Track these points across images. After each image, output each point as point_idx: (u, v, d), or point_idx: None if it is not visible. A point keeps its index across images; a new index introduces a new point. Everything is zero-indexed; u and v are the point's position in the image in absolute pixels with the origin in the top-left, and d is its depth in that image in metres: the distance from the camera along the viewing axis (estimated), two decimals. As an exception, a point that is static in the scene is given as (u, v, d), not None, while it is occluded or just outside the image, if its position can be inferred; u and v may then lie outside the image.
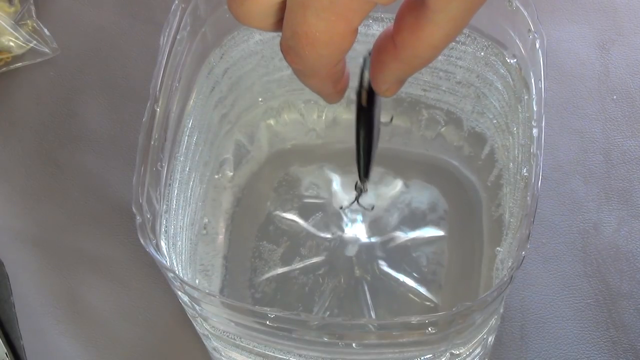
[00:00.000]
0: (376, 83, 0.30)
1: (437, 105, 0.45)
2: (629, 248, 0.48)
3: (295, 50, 0.27)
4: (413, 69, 0.28)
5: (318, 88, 0.30)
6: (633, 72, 0.54)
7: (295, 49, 0.27)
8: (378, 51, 0.29)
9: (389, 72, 0.29)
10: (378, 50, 0.29)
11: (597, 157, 0.51)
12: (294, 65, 0.28)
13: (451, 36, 0.27)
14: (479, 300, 0.31)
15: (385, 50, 0.28)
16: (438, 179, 0.46)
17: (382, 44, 0.28)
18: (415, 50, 0.27)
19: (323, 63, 0.27)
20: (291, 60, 0.27)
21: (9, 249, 0.49)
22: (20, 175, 0.52)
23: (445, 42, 0.27)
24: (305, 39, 0.26)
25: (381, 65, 0.29)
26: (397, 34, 0.27)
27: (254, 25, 0.27)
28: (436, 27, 0.26)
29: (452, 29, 0.26)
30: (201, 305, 0.34)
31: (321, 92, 0.31)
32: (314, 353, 0.35)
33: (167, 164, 0.38)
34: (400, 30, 0.27)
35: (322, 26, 0.25)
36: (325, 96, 0.31)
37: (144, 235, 0.34)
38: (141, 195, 0.35)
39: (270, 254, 0.45)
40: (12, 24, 0.55)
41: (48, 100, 0.54)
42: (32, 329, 0.47)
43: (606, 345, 0.45)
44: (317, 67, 0.28)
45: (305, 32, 0.26)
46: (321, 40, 0.26)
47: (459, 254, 0.44)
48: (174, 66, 0.38)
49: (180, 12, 0.38)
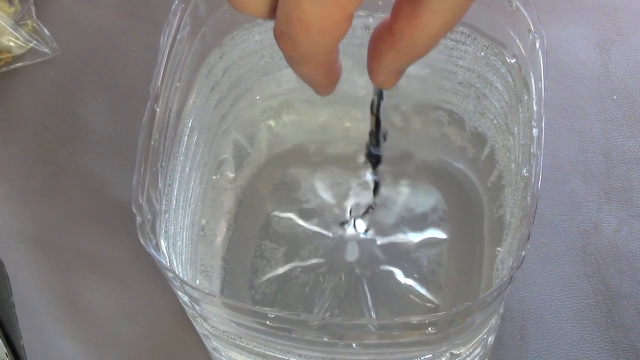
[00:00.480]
0: (374, 74, 0.30)
1: (439, 106, 0.45)
2: (629, 248, 0.48)
3: (289, 35, 0.26)
4: (411, 58, 0.28)
5: (310, 77, 0.30)
6: (633, 72, 0.54)
7: (289, 34, 0.26)
8: (375, 41, 0.28)
9: (386, 63, 0.29)
10: (375, 40, 0.28)
11: (597, 157, 0.51)
12: (287, 52, 0.27)
13: (449, 25, 0.26)
14: (479, 300, 0.31)
15: (383, 40, 0.28)
16: (439, 180, 0.46)
17: (380, 33, 0.28)
18: (412, 39, 0.27)
19: (317, 49, 0.27)
20: (284, 47, 0.27)
21: (9, 249, 0.49)
22: (20, 175, 0.52)
23: (443, 31, 0.27)
24: (299, 24, 0.26)
25: (378, 55, 0.28)
26: (394, 23, 0.27)
27: (249, 12, 0.27)
28: (434, 15, 0.26)
29: (450, 17, 0.26)
30: (201, 305, 0.34)
31: (313, 82, 0.30)
32: (314, 353, 0.35)
33: (167, 164, 0.38)
34: (397, 19, 0.27)
35: (317, 11, 0.25)
36: (316, 87, 0.31)
37: (144, 235, 0.34)
38: (141, 195, 0.34)
39: (271, 254, 0.45)
40: (12, 24, 0.55)
41: (48, 100, 0.54)
42: (32, 329, 0.47)
43: (606, 345, 0.45)
44: (311, 54, 0.27)
45: (300, 17, 0.26)
46: (315, 26, 0.26)
47: (459, 255, 0.44)
48: (174, 66, 0.38)
49: (180, 12, 0.38)
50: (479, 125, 0.44)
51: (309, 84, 0.30)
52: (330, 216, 0.45)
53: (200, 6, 0.39)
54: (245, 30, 0.42)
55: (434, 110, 0.45)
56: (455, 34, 0.41)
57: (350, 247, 0.44)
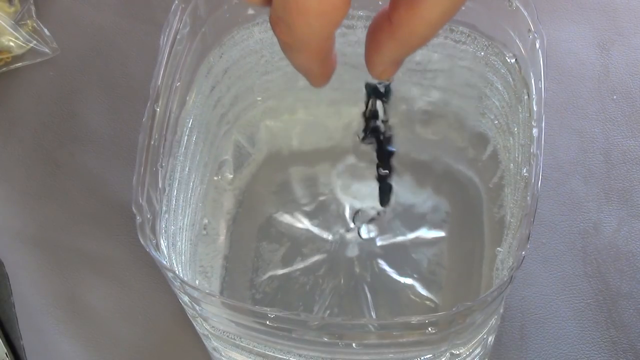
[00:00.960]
0: (372, 65, 0.29)
1: (440, 106, 0.45)
2: (629, 248, 0.48)
3: (285, 20, 0.26)
4: (410, 48, 0.28)
5: (305, 66, 0.29)
6: (633, 72, 0.54)
7: (285, 19, 0.26)
8: (374, 31, 0.28)
9: (385, 53, 0.28)
10: (374, 30, 0.28)
11: (597, 157, 0.51)
12: (283, 38, 0.27)
13: (448, 14, 0.26)
14: (479, 300, 0.31)
15: (381, 29, 0.28)
16: (439, 180, 0.46)
17: (378, 23, 0.28)
18: (412, 27, 0.27)
19: (313, 35, 0.27)
20: (280, 32, 0.27)
21: (9, 249, 0.49)
22: (20, 175, 0.52)
23: (442, 19, 0.26)
24: (296, 9, 0.26)
25: (377, 45, 0.28)
26: (393, 11, 0.27)
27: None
28: (433, 4, 0.26)
29: (449, 5, 0.26)
30: (201, 305, 0.34)
31: (308, 71, 0.30)
32: (314, 353, 0.35)
33: (167, 164, 0.38)
34: (396, 7, 0.27)
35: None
36: (311, 77, 0.30)
37: (144, 235, 0.34)
38: (141, 195, 0.35)
39: (271, 254, 0.45)
40: (12, 24, 0.55)
41: (48, 100, 0.54)
42: (32, 329, 0.47)
43: (606, 345, 0.45)
44: (307, 40, 0.27)
45: (297, 1, 0.25)
46: (312, 10, 0.25)
47: (460, 255, 0.44)
48: (174, 66, 0.38)
49: (180, 12, 0.38)
50: (479, 125, 0.44)
51: (304, 74, 0.30)
52: (330, 216, 0.45)
53: (200, 6, 0.39)
54: (245, 30, 0.42)
55: (433, 110, 0.45)
56: (455, 34, 0.41)
57: (350, 247, 0.44)
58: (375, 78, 0.30)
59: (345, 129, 0.47)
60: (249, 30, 0.42)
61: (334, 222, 0.45)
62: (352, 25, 0.42)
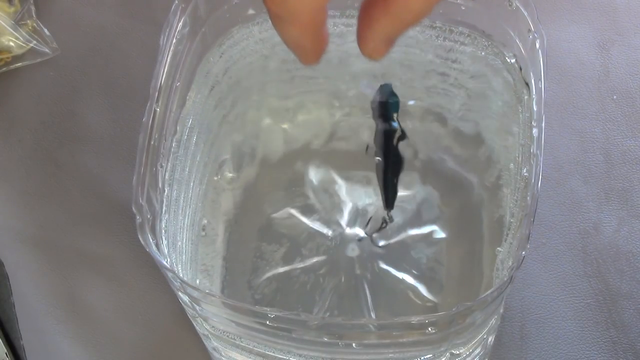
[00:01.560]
0: (363, 42, 0.29)
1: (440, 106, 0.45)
2: (629, 248, 0.48)
3: None
4: (403, 24, 0.27)
5: (296, 40, 0.29)
6: (633, 72, 0.54)
7: None
8: (367, 6, 0.28)
9: (378, 29, 0.28)
10: (367, 5, 0.28)
11: (597, 157, 0.51)
12: (274, 9, 0.27)
13: None
14: (479, 300, 0.31)
15: (375, 4, 0.27)
16: (439, 180, 0.46)
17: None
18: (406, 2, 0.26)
19: (305, 5, 0.26)
20: (271, 3, 0.26)
21: (9, 249, 0.49)
22: (20, 175, 0.52)
23: None
24: None
25: (370, 21, 0.28)
26: None
27: None
28: None
29: None
30: (201, 305, 0.34)
31: (299, 46, 0.29)
32: (314, 353, 0.35)
33: (167, 164, 0.38)
34: None
35: None
36: (302, 53, 0.30)
37: (144, 235, 0.34)
38: (141, 195, 0.35)
39: (271, 254, 0.45)
40: (12, 24, 0.55)
41: (48, 100, 0.54)
42: (32, 329, 0.47)
43: (606, 345, 0.45)
44: (299, 11, 0.27)
45: None
46: None
47: (460, 255, 0.44)
48: (174, 66, 0.38)
49: (180, 12, 0.38)
50: (479, 125, 0.44)
51: (294, 50, 0.29)
52: (330, 216, 0.45)
53: (200, 6, 0.39)
54: (245, 29, 0.42)
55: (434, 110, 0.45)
56: (455, 34, 0.41)
57: (350, 247, 0.44)
58: (366, 56, 0.30)
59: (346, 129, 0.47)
60: (249, 30, 0.42)
61: (333, 221, 0.45)
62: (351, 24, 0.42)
